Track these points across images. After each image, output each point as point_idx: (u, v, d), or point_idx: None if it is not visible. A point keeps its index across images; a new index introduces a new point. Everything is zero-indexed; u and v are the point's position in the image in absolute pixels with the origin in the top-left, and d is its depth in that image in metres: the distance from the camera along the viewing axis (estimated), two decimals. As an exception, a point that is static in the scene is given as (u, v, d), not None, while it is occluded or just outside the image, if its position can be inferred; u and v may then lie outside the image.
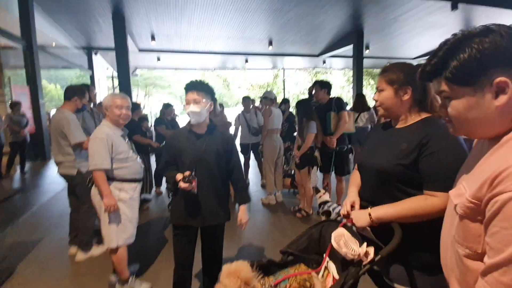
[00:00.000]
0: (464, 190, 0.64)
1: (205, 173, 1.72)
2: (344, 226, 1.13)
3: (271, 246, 2.86)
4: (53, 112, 10.73)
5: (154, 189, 4.59)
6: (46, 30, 7.50)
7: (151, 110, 16.85)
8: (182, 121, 5.22)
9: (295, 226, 3.31)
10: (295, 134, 4.37)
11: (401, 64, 1.16)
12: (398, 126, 1.18)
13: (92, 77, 10.99)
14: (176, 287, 1.84)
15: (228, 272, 1.02)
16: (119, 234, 2.05)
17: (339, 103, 3.41)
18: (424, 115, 1.13)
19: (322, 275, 1.18)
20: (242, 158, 5.14)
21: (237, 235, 3.15)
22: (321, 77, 20.78)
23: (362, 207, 1.18)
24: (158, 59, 12.12)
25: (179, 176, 1.63)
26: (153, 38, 9.26)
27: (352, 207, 1.22)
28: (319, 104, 3.56)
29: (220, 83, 19.72)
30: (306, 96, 4.71)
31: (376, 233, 1.14)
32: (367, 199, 1.20)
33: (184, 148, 1.74)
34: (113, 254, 2.08)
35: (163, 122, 4.73)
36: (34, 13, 6.38)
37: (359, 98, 4.57)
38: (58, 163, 2.63)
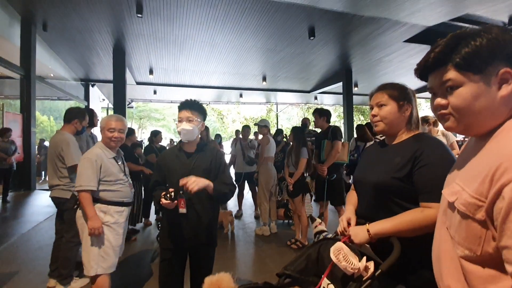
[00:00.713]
0: (459, 187, 0.63)
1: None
2: (344, 243, 1.10)
3: (266, 279, 2.70)
4: (46, 143, 10.65)
5: (143, 220, 4.40)
6: (45, 61, 7.70)
7: (144, 141, 16.84)
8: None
9: (290, 258, 3.17)
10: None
11: (395, 84, 1.23)
12: (392, 143, 1.22)
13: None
14: None
15: (210, 282, 0.98)
16: (99, 262, 1.92)
17: (334, 132, 3.44)
18: (415, 132, 1.18)
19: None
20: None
21: (229, 267, 2.99)
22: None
23: (359, 224, 1.17)
24: (155, 92, 12.44)
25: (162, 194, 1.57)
26: (151, 72, 9.61)
27: (348, 224, 1.20)
28: (318, 132, 3.63)
29: (214, 116, 20.11)
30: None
31: (376, 252, 1.12)
32: (364, 215, 1.19)
33: (173, 167, 1.72)
34: (93, 283, 1.94)
35: (153, 150, 4.65)
36: (36, 44, 6.61)
37: (361, 129, 4.59)
38: (52, 187, 2.54)
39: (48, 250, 2.69)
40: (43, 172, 10.44)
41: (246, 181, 4.97)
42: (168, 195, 1.52)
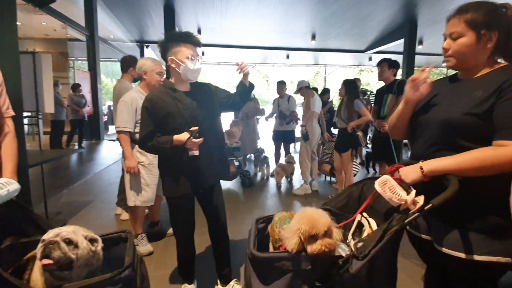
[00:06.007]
0: None
1: (201, 130, 1.50)
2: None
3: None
4: (109, 103, 11.89)
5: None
6: (106, 23, 8.24)
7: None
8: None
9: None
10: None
11: (483, 2, 0.97)
12: (469, 77, 1.02)
13: (142, 70, 11.86)
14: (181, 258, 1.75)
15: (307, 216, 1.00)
16: (136, 196, 2.18)
17: (402, 85, 3.00)
18: (502, 64, 0.98)
19: (357, 231, 1.11)
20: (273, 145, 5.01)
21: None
22: (366, 75, 19.78)
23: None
24: (203, 53, 12.61)
25: (185, 135, 1.44)
26: (199, 32, 9.63)
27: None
28: (382, 87, 3.29)
29: (260, 79, 19.93)
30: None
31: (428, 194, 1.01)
32: (422, 157, 1.03)
33: (174, 110, 1.52)
34: (131, 211, 2.27)
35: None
36: (97, 6, 7.06)
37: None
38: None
39: (116, 186, 3.12)
40: (109, 127, 11.86)
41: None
42: (195, 134, 1.44)
